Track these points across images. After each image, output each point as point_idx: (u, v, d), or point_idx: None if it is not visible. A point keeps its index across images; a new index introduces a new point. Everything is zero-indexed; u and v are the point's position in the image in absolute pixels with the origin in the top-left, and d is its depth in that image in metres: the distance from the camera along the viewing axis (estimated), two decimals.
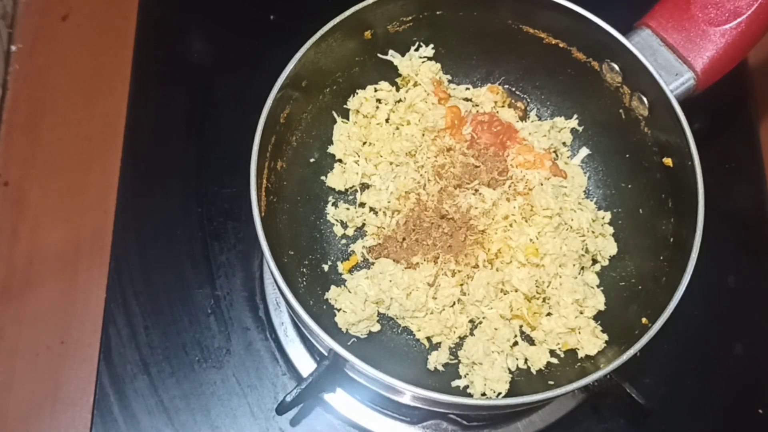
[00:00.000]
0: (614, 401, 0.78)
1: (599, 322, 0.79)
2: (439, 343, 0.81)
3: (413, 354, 0.81)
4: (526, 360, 0.79)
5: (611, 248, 0.83)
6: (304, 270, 0.81)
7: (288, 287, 0.68)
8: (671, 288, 0.69)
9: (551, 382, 0.76)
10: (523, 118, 0.91)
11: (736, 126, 0.99)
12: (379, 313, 0.80)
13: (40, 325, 0.87)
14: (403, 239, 0.82)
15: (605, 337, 0.77)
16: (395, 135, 0.87)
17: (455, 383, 0.78)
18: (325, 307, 0.80)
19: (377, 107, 0.88)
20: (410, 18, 0.84)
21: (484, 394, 0.76)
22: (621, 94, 0.81)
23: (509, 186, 0.83)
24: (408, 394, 0.67)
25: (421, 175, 0.84)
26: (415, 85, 0.88)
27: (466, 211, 0.81)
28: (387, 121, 0.88)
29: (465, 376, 0.78)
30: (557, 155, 0.88)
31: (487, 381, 0.76)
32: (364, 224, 0.85)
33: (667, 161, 0.78)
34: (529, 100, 0.92)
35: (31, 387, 0.85)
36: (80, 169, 0.94)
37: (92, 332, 0.86)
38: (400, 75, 0.88)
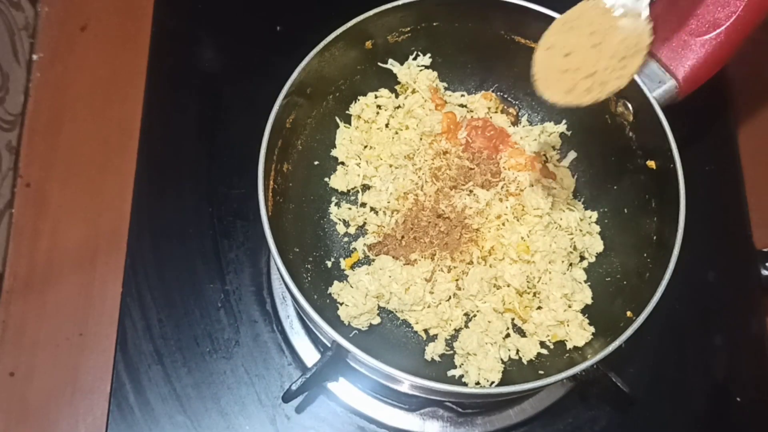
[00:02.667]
0: (601, 390, 0.79)
1: (586, 315, 0.80)
2: (436, 335, 0.81)
3: (411, 345, 0.82)
4: (517, 351, 0.80)
5: (598, 246, 0.84)
6: (309, 266, 0.82)
7: (294, 282, 0.69)
8: (654, 283, 0.70)
9: (541, 372, 0.77)
10: (515, 123, 0.91)
11: (715, 131, 1.00)
12: (379, 307, 0.81)
13: (60, 318, 0.88)
14: (402, 237, 0.83)
15: (592, 329, 0.78)
16: (394, 139, 0.88)
17: (451, 373, 0.79)
18: (328, 301, 0.81)
19: (377, 113, 0.89)
20: (409, 29, 0.85)
21: (478, 383, 0.77)
22: (607, 101, 0.78)
23: (502, 187, 0.84)
24: (406, 383, 0.68)
25: (418, 176, 0.85)
26: (414, 92, 0.89)
27: (461, 211, 0.82)
28: (387, 125, 0.89)
29: (460, 366, 0.79)
30: (547, 158, 0.89)
31: (480, 371, 0.77)
32: (365, 223, 0.86)
33: (651, 164, 0.78)
34: (520, 106, 0.92)
35: (52, 376, 0.86)
36: (98, 171, 0.95)
37: (109, 324, 0.87)
38: (399, 82, 0.89)
